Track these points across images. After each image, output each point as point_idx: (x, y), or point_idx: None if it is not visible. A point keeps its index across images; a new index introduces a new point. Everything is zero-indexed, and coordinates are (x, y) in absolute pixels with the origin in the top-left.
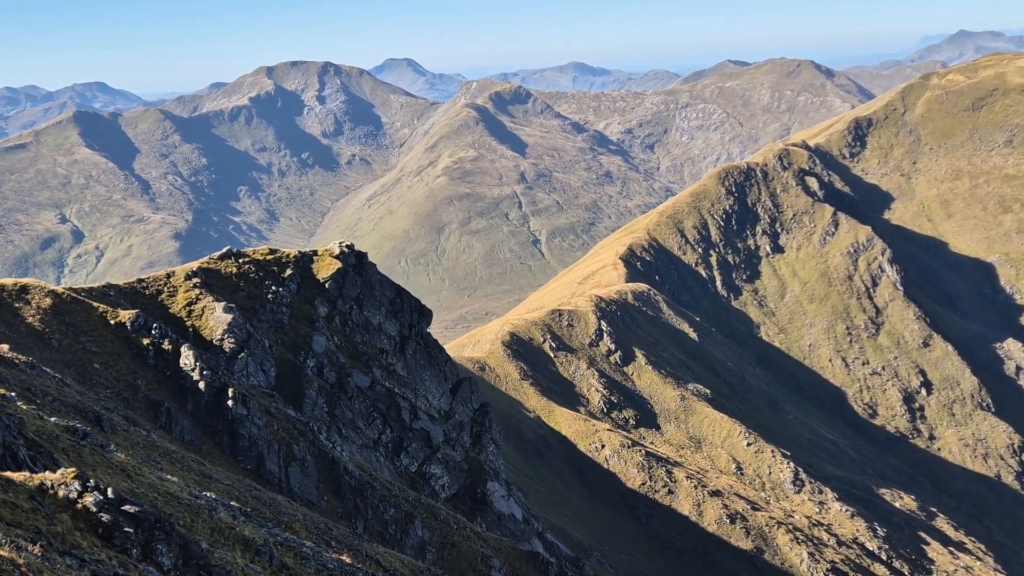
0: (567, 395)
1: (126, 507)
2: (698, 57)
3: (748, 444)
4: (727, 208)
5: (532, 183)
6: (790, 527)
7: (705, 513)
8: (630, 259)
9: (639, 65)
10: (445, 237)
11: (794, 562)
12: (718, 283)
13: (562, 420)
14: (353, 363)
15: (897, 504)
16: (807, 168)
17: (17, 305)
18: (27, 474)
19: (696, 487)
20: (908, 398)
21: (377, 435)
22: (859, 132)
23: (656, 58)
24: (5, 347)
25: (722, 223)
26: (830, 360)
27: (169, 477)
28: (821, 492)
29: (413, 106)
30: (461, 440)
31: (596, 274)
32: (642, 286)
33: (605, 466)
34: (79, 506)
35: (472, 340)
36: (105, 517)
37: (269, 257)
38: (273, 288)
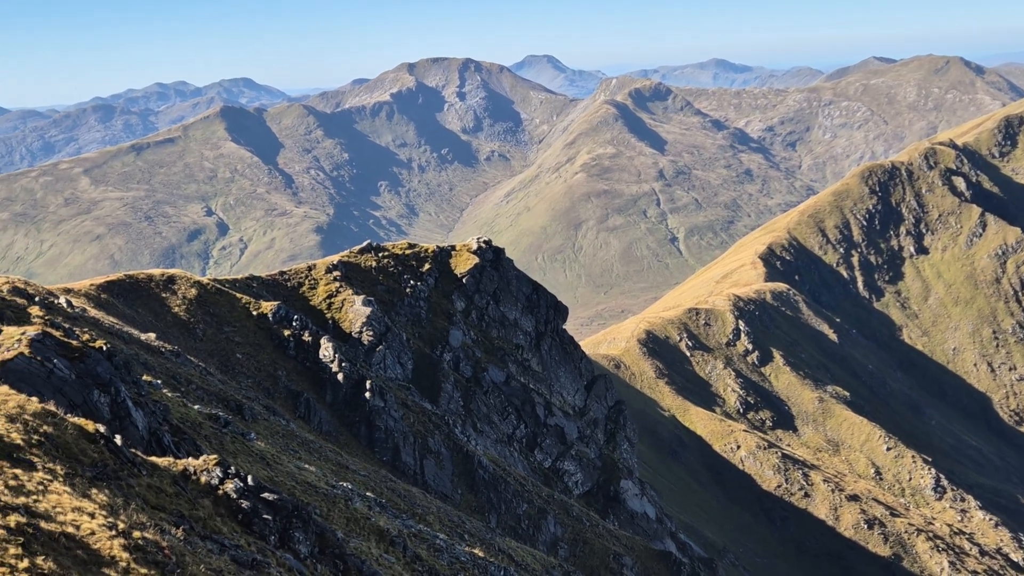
0: (703, 394)
1: (265, 495)
2: (842, 54)
3: (888, 449)
4: (870, 208)
5: (671, 180)
6: (930, 535)
7: (842, 518)
8: (769, 258)
9: (781, 62)
10: (582, 234)
11: (934, 571)
12: (859, 284)
13: (697, 420)
14: (489, 358)
15: None
16: (954, 167)
17: (164, 295)
18: (171, 459)
19: (833, 491)
20: None
21: (511, 430)
22: (1010, 131)
23: (799, 55)
24: (152, 335)
25: (865, 223)
26: (975, 364)
27: (307, 466)
28: (963, 500)
29: (552, 102)
30: (595, 437)
31: (734, 273)
32: (781, 286)
33: (740, 467)
34: (220, 492)
35: (608, 337)
36: (245, 504)
37: (408, 251)
38: (411, 282)
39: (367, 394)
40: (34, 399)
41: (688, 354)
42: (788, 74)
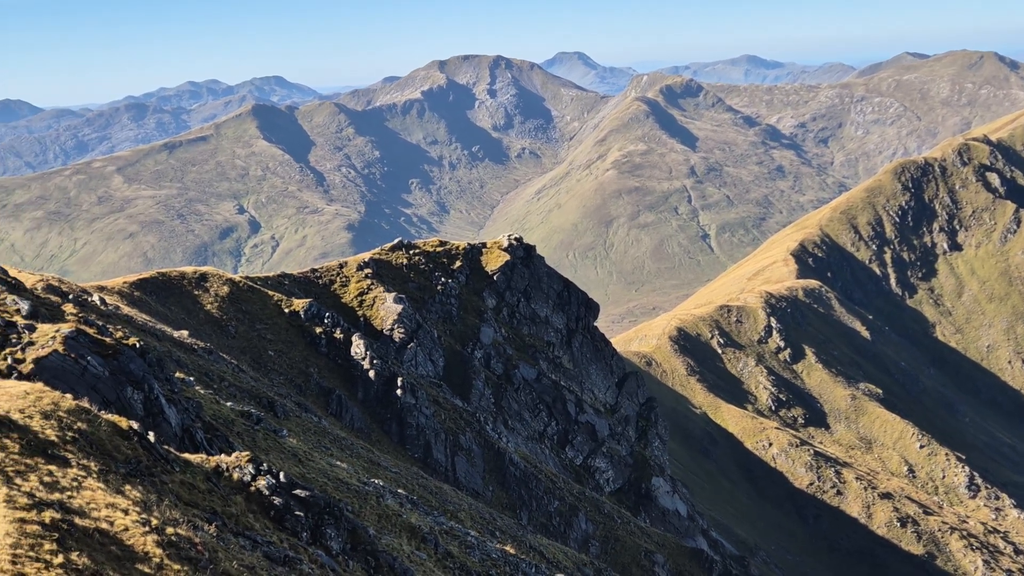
0: (734, 392)
1: (297, 491)
2: (875, 49)
3: (921, 446)
4: (903, 204)
5: (702, 177)
6: (964, 533)
7: (875, 515)
8: (801, 255)
9: (813, 58)
10: (613, 231)
11: (968, 569)
12: (892, 281)
13: (729, 417)
14: (520, 355)
15: None
16: (988, 163)
17: (197, 293)
18: (204, 456)
19: (866, 489)
20: None
21: (543, 427)
22: None
23: (831, 51)
24: (184, 333)
25: (897, 219)
26: (1009, 362)
27: (339, 463)
28: (998, 498)
29: (583, 99)
30: (626, 434)
31: (766, 270)
32: (813, 283)
33: (772, 465)
34: (252, 489)
35: (639, 335)
36: (277, 500)
37: (439, 249)
38: (443, 279)
39: (398, 391)
40: (68, 396)
41: (720, 351)
42: (820, 70)
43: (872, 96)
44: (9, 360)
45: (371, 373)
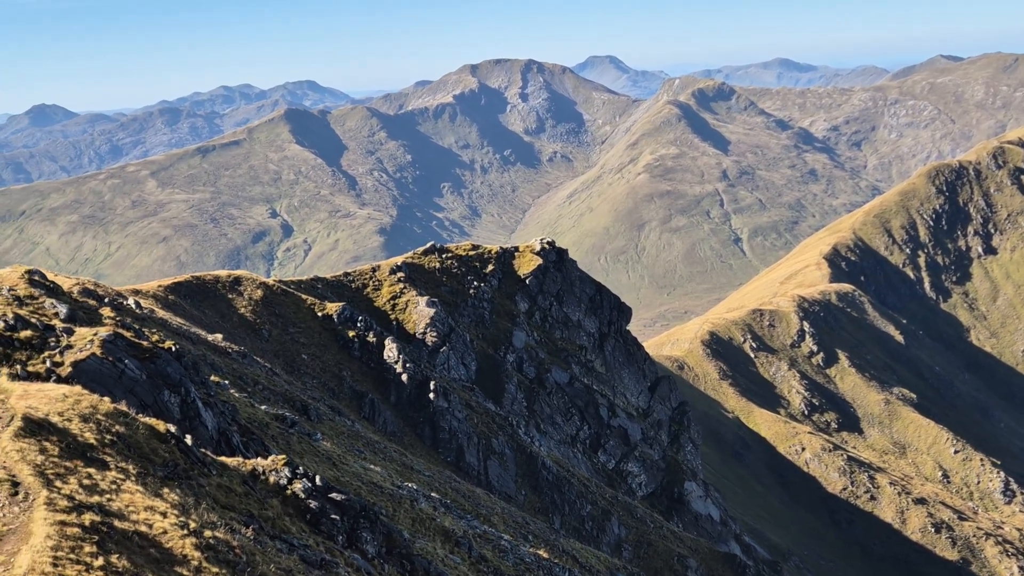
0: (767, 396)
1: (333, 495)
2: (908, 52)
3: (955, 451)
4: (937, 208)
5: (734, 181)
6: (999, 539)
7: (909, 521)
8: (834, 259)
9: (846, 61)
10: (645, 235)
11: (1003, 575)
12: (926, 285)
13: (761, 421)
14: (552, 359)
15: None
16: (1023, 167)
17: (230, 296)
18: (240, 459)
19: (900, 494)
20: None
21: (575, 431)
22: None
23: (864, 53)
24: (219, 336)
25: (931, 223)
26: None
27: (372, 467)
28: None
29: (615, 103)
30: (659, 439)
31: (799, 274)
32: (847, 287)
33: (805, 469)
34: (288, 492)
35: (671, 339)
36: (313, 504)
37: (471, 253)
38: (475, 283)
39: (431, 395)
40: (106, 399)
41: (752, 355)
42: (853, 73)
43: (906, 99)
44: (48, 363)
45: (404, 377)
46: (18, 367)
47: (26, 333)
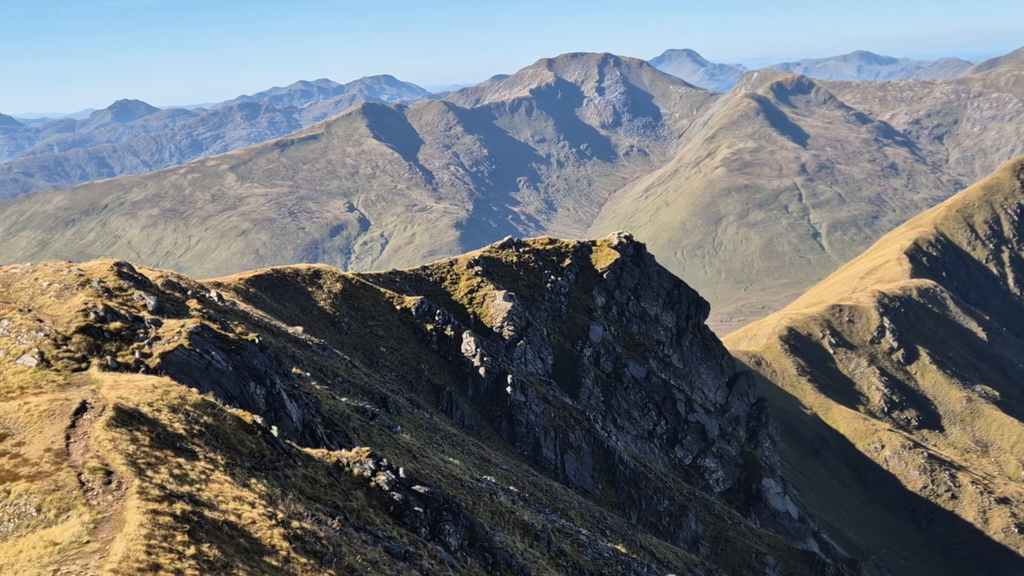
0: (845, 393)
1: (416, 487)
2: (992, 44)
3: None
4: (1022, 202)
5: (813, 175)
6: None
7: (991, 521)
8: (915, 254)
9: (928, 53)
10: (722, 229)
11: None
12: (1010, 280)
13: (840, 418)
14: (629, 353)
15: None
16: None
17: (310, 289)
18: (325, 451)
19: (982, 493)
20: None
21: (652, 426)
22: None
23: (946, 45)
24: (299, 329)
25: (1016, 218)
26: None
27: (451, 460)
28: None
29: (692, 97)
30: (736, 435)
31: (879, 269)
32: (928, 282)
33: (884, 467)
34: (373, 484)
35: (748, 334)
36: (397, 496)
37: (549, 247)
38: (552, 277)
39: (508, 388)
40: (194, 390)
41: (831, 351)
42: (935, 65)
43: (990, 92)
44: (137, 354)
45: (481, 370)
46: (108, 358)
47: (116, 324)
